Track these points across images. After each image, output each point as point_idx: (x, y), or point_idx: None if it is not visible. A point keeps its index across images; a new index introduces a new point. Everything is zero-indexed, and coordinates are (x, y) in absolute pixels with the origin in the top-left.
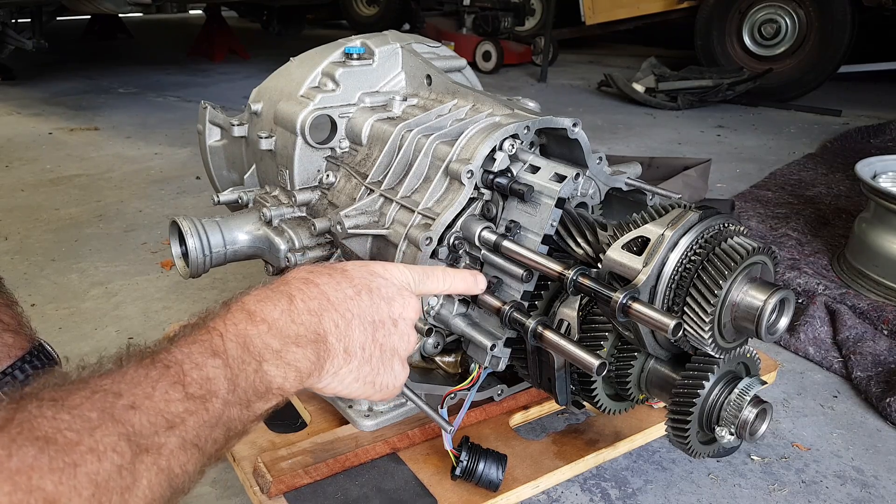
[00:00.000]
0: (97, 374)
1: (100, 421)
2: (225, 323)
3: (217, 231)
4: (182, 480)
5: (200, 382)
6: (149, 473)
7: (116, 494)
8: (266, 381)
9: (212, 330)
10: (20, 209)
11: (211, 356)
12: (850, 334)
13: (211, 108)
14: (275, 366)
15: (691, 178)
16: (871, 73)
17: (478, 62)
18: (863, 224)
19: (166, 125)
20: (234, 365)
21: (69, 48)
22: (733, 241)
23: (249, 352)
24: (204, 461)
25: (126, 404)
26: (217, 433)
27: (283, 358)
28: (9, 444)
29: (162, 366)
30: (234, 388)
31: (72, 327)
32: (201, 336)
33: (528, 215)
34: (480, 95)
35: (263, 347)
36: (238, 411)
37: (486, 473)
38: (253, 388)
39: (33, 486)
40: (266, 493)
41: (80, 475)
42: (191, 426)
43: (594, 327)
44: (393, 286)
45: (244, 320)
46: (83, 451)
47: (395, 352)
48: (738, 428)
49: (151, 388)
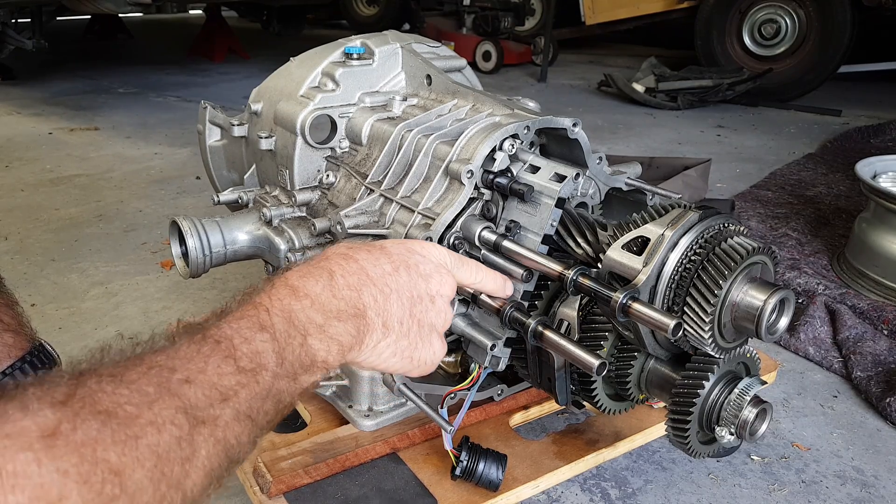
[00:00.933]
0: (151, 350)
1: (157, 395)
2: (270, 298)
3: (217, 231)
4: (237, 451)
5: (250, 356)
6: (206, 444)
7: (177, 465)
8: (311, 354)
9: (258, 305)
10: (20, 209)
11: (259, 330)
12: (850, 334)
13: (211, 108)
14: (318, 339)
15: (691, 178)
16: (871, 73)
17: (478, 62)
18: (863, 224)
19: (166, 125)
20: (281, 339)
21: (69, 48)
22: (733, 241)
23: (294, 326)
24: (256, 432)
25: (181, 378)
26: (268, 405)
27: (326, 332)
28: (73, 417)
29: (213, 341)
30: (281, 362)
31: (72, 327)
32: (248, 311)
33: (528, 215)
34: (480, 95)
35: (307, 322)
36: (286, 383)
37: (486, 473)
38: (299, 361)
39: (98, 458)
40: (266, 493)
41: (142, 447)
42: (243, 398)
43: (594, 327)
44: (431, 263)
45: (288, 295)
46: (143, 423)
47: (432, 327)
48: (738, 428)
49: (204, 362)
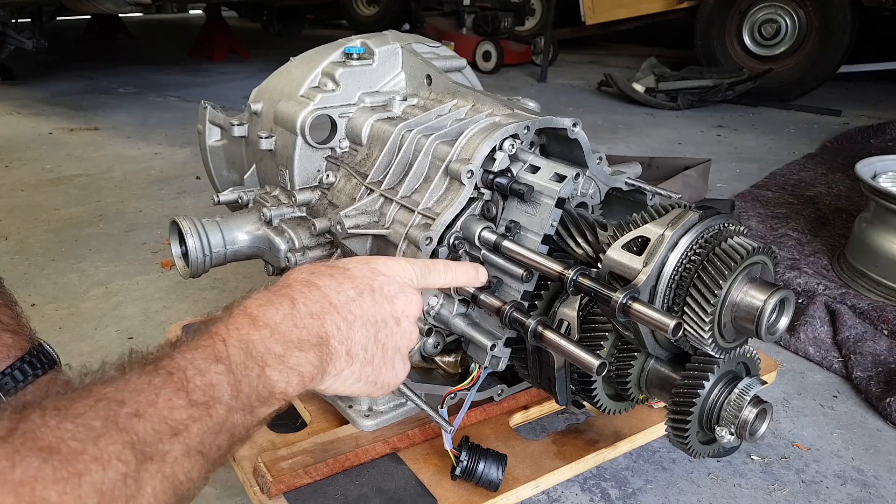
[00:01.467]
0: (100, 381)
1: (104, 429)
2: (227, 328)
3: (217, 231)
4: (187, 487)
5: (204, 389)
6: (153, 481)
7: (121, 503)
8: (269, 385)
9: (214, 335)
10: (20, 209)
11: (214, 362)
12: (850, 334)
13: (211, 108)
14: (278, 370)
15: (691, 178)
16: (871, 73)
17: (478, 62)
18: (863, 224)
19: (166, 125)
20: (238, 370)
21: (69, 48)
22: (733, 241)
23: (252, 357)
24: (208, 467)
25: (130, 412)
26: (221, 439)
27: (285, 362)
28: (12, 454)
29: (165, 372)
30: (237, 394)
31: (72, 327)
32: (204, 341)
33: (528, 215)
34: (480, 95)
35: (266, 352)
36: (241, 417)
37: (486, 473)
38: (256, 394)
39: (37, 497)
40: (266, 493)
41: (85, 484)
42: (195, 433)
43: (594, 327)
44: (395, 283)
45: (247, 325)
46: (87, 460)
47: (396, 350)
48: (738, 428)
49: (155, 395)
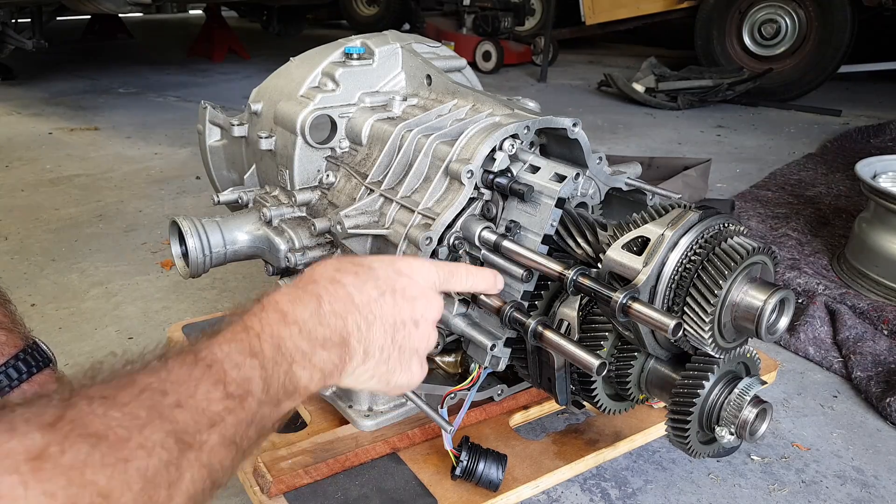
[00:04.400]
0: (143, 370)
1: (148, 419)
2: (261, 322)
3: (217, 231)
4: (220, 475)
5: (239, 382)
6: (192, 469)
7: (164, 488)
8: (294, 381)
9: (249, 329)
10: (20, 209)
11: (249, 356)
12: (850, 334)
13: (211, 108)
14: (303, 367)
15: (691, 178)
16: (871, 73)
17: (478, 62)
18: (863, 224)
19: (166, 125)
20: (269, 366)
21: (69, 48)
22: (733, 241)
23: (282, 353)
24: (239, 457)
25: (172, 403)
26: (252, 430)
27: (310, 360)
28: (62, 440)
29: (204, 364)
30: (267, 389)
31: (72, 327)
32: (239, 335)
33: (528, 215)
34: (480, 95)
35: (294, 349)
36: (269, 409)
37: (486, 473)
38: (283, 388)
39: (87, 481)
40: (266, 493)
41: (131, 470)
42: (230, 424)
43: (594, 327)
44: (418, 286)
45: (278, 321)
46: (133, 447)
47: (414, 352)
48: (738, 428)
49: (195, 386)
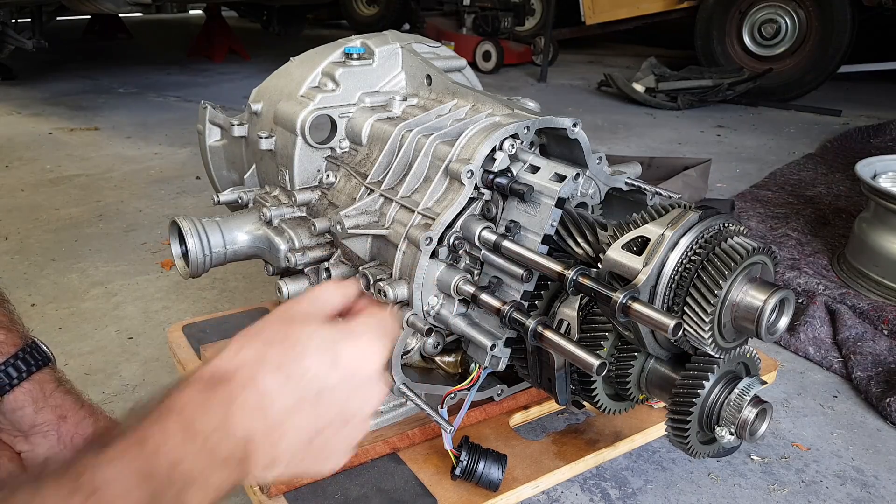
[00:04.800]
0: (11, 486)
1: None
2: (162, 433)
3: (217, 231)
4: None
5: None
6: None
7: None
8: (184, 502)
9: (144, 442)
10: (20, 209)
11: (139, 479)
12: (850, 334)
13: (211, 108)
14: (198, 488)
15: (691, 178)
16: (871, 73)
17: (478, 62)
18: (863, 224)
19: (166, 125)
20: (160, 489)
21: (69, 48)
22: (733, 241)
23: (178, 474)
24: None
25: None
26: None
27: (207, 481)
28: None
29: (82, 495)
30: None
31: (72, 327)
32: (132, 449)
33: (528, 215)
34: (480, 95)
35: (192, 471)
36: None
37: (486, 473)
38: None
39: None
40: (266, 493)
41: None
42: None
43: (594, 327)
44: (356, 379)
45: (180, 433)
46: None
47: (333, 452)
48: (738, 428)
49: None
